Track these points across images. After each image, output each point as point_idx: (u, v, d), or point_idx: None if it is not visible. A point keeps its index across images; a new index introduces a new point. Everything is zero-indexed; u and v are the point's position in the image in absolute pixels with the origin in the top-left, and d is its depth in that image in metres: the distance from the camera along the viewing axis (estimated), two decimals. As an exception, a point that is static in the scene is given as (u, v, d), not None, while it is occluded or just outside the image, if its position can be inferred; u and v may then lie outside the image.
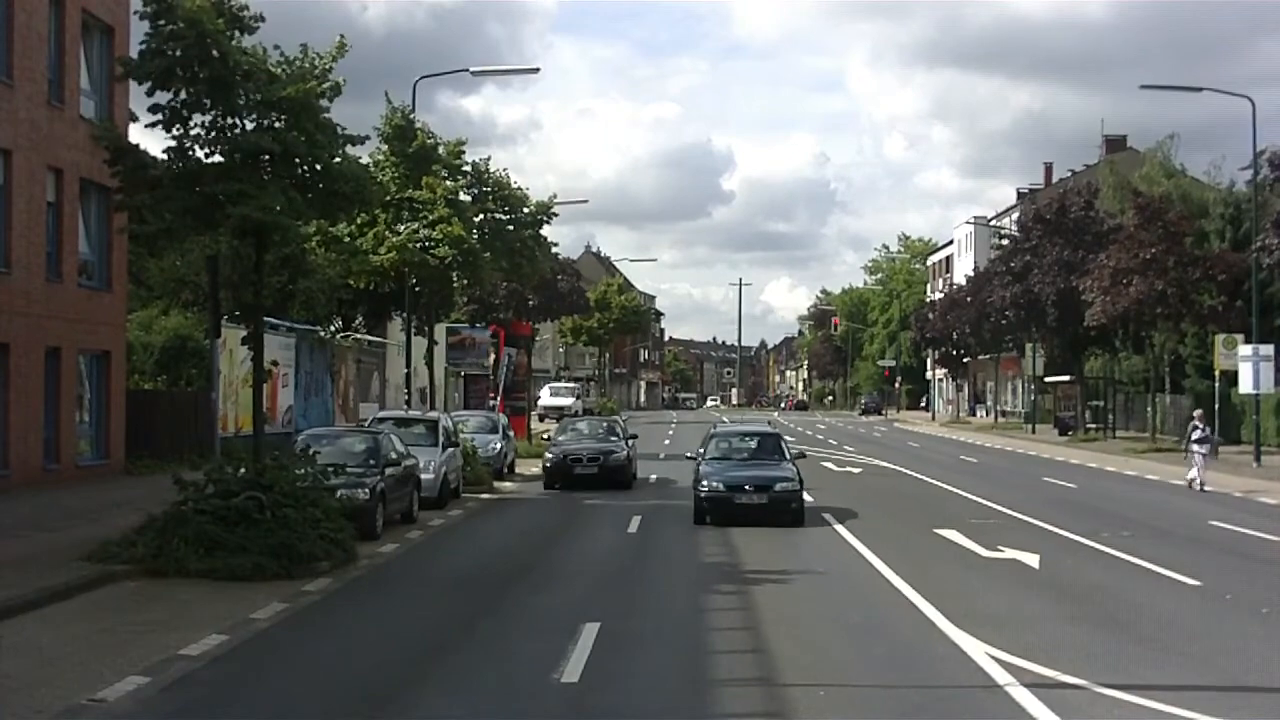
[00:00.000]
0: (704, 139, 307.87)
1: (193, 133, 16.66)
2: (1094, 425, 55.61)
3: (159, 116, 16.52)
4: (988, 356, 71.26)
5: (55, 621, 12.40)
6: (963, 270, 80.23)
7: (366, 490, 18.82)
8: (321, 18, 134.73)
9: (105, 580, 14.53)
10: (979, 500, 25.83)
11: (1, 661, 9.17)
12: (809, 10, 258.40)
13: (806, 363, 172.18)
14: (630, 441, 30.02)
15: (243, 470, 16.62)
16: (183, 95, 16.46)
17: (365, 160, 22.51)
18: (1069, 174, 78.90)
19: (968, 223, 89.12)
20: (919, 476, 32.98)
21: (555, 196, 34.74)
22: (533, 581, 15.53)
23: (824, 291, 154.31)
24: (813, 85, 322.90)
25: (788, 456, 22.83)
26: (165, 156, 16.79)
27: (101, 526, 17.75)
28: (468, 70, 35.84)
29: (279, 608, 13.30)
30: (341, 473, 18.13)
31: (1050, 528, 21.03)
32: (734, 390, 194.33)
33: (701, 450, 23.56)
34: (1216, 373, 39.37)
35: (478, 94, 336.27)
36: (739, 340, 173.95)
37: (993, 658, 10.92)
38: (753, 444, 23.60)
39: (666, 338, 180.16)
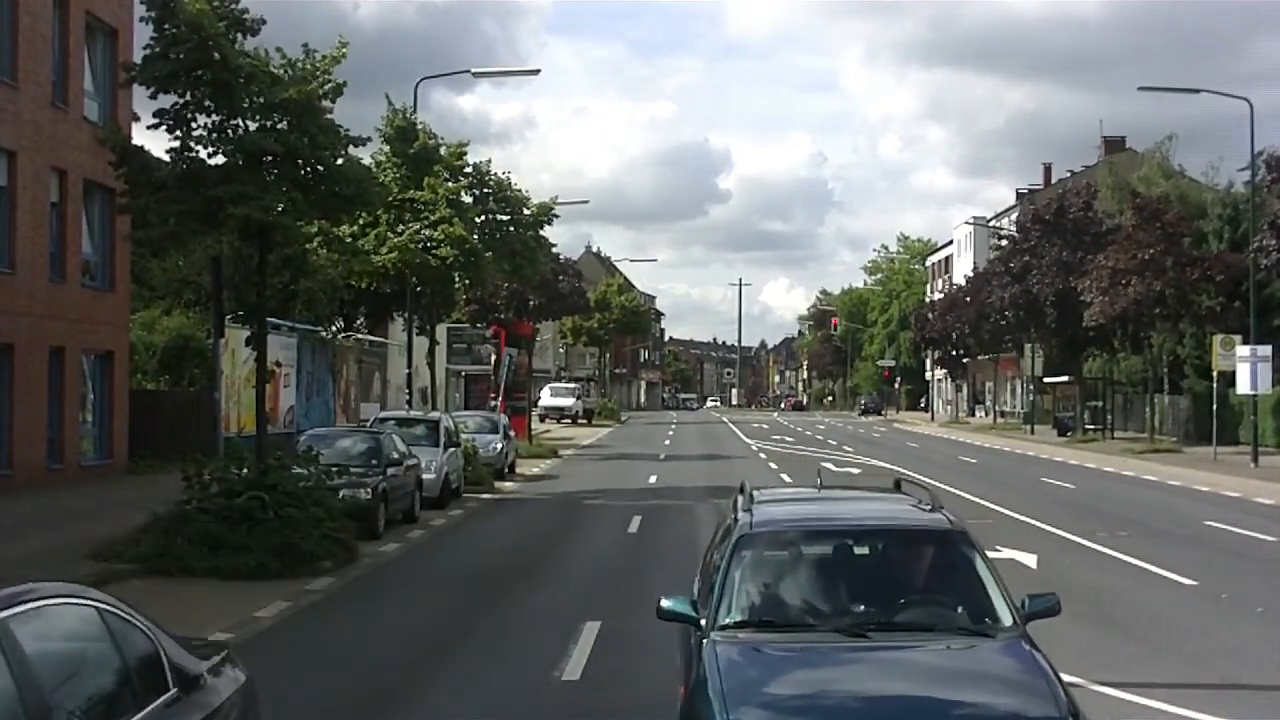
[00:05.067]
0: (701, 138, 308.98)
1: (195, 134, 16.79)
2: (1092, 426, 55.67)
3: (163, 120, 16.66)
4: (987, 357, 71.29)
5: (61, 620, 12.49)
6: (962, 271, 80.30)
7: (368, 490, 18.93)
8: (314, 16, 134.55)
9: (110, 579, 14.58)
10: (977, 500, 25.88)
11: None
12: (802, 8, 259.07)
13: (806, 363, 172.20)
14: None
15: (245, 470, 16.74)
16: (186, 98, 16.60)
17: (367, 161, 22.61)
18: (1068, 174, 78.96)
19: (967, 223, 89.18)
20: (918, 477, 32.95)
21: (556, 198, 34.89)
22: (534, 580, 15.63)
23: (824, 292, 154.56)
24: (808, 85, 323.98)
25: (1017, 621, 6.89)
26: (168, 158, 16.92)
27: (105, 526, 17.83)
28: (469, 71, 36.64)
29: (282, 606, 13.42)
30: (344, 473, 18.26)
31: (1048, 528, 21.11)
32: (734, 390, 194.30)
33: (711, 591, 7.03)
34: (1214, 373, 39.41)
35: (472, 92, 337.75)
36: (739, 340, 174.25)
37: (990, 656, 10.99)
38: (872, 564, 7.25)
39: (667, 338, 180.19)
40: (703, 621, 6.78)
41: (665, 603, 7.09)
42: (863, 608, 6.83)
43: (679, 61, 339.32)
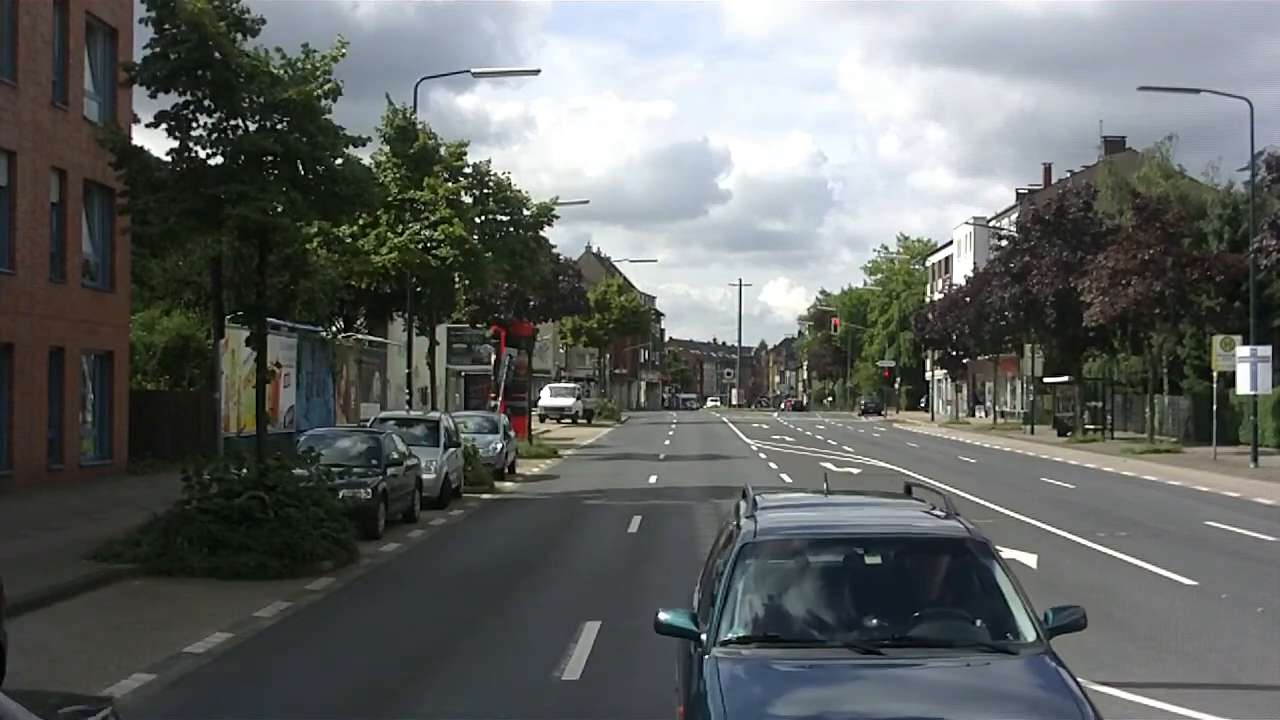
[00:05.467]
0: (700, 138, 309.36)
1: (195, 134, 16.80)
2: (1092, 426, 55.67)
3: (163, 121, 16.68)
4: (987, 357, 71.28)
5: (62, 619, 12.51)
6: (962, 271, 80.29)
7: (369, 490, 18.93)
8: (313, 15, 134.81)
9: (110, 579, 14.65)
10: (977, 500, 25.86)
11: (8, 659, 9.25)
12: (801, 8, 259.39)
13: (806, 363, 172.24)
14: None
15: (245, 470, 16.74)
16: (186, 98, 16.62)
17: (367, 161, 22.60)
18: (1068, 175, 78.99)
19: (967, 223, 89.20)
20: (918, 477, 32.98)
21: (557, 198, 34.89)
22: (534, 580, 15.64)
23: (823, 292, 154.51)
24: (808, 84, 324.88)
25: (1040, 636, 6.29)
26: (168, 158, 16.94)
27: (106, 526, 17.85)
28: (469, 71, 36.69)
29: (282, 606, 13.42)
30: (344, 473, 18.29)
31: (1048, 528, 21.12)
32: (734, 390, 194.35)
33: (713, 603, 6.62)
34: (1214, 373, 39.42)
35: (472, 92, 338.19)
36: (739, 341, 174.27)
37: (990, 656, 10.99)
38: (884, 575, 6.75)
39: (666, 338, 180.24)
40: (703, 636, 6.35)
41: (664, 616, 6.62)
42: (875, 622, 6.37)
43: (678, 61, 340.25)
